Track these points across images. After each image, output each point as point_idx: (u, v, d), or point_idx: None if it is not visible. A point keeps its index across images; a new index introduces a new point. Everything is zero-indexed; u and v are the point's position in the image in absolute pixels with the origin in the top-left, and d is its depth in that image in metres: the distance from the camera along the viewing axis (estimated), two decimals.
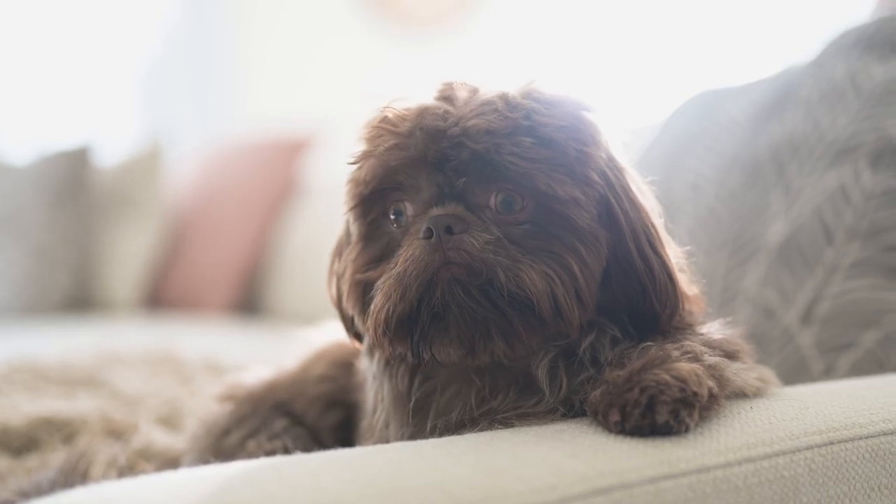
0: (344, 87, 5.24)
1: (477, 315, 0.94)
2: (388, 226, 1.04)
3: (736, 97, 1.82)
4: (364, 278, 1.03)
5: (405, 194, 1.02)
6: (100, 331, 3.08)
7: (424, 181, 1.00)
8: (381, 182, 1.01)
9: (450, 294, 0.94)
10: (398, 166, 1.00)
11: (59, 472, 1.27)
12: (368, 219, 1.04)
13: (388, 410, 1.08)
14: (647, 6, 4.52)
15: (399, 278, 0.96)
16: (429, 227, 0.95)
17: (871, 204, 1.46)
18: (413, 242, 0.97)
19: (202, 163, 4.17)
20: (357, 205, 1.04)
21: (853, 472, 0.92)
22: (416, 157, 0.99)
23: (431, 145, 0.98)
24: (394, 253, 1.00)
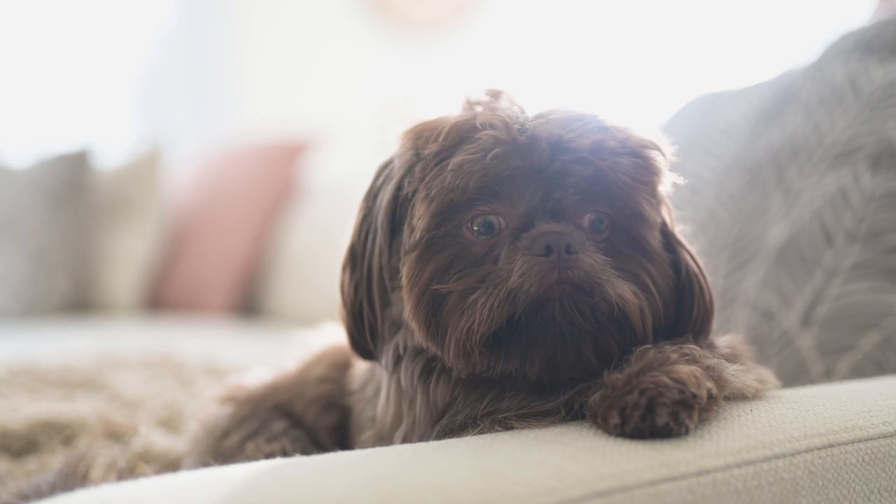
0: (343, 89, 5.25)
1: (580, 332, 0.95)
2: (463, 235, 0.99)
3: (735, 100, 1.82)
4: (445, 289, 0.97)
5: (499, 205, 0.98)
6: (99, 333, 3.08)
7: (529, 194, 0.98)
8: (478, 191, 0.97)
9: (561, 312, 0.94)
10: (506, 175, 0.97)
11: (59, 474, 1.27)
12: (444, 227, 1.00)
13: (419, 422, 1.04)
14: (647, 9, 4.52)
15: (510, 293, 0.93)
16: (549, 245, 0.94)
17: (871, 206, 1.46)
18: (525, 258, 0.94)
19: (201, 166, 4.17)
20: (442, 211, 0.99)
21: (853, 474, 0.92)
22: (533, 168, 0.97)
23: (557, 158, 0.96)
24: (471, 264, 0.97)
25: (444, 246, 0.99)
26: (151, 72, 5.31)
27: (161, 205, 3.87)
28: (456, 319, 0.96)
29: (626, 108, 1.03)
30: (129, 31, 5.23)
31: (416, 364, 1.05)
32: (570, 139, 0.96)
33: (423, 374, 1.05)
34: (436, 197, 0.99)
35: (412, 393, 1.05)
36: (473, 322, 0.94)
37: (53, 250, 3.69)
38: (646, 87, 4.19)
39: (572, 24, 4.83)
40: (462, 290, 0.97)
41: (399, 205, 1.05)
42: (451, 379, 1.03)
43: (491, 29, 5.17)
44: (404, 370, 1.06)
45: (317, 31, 5.29)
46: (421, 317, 0.99)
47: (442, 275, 0.98)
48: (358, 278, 1.08)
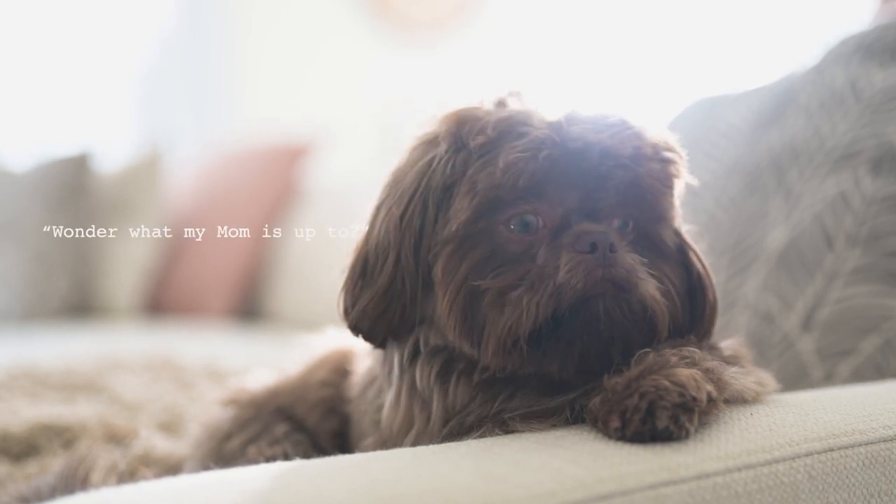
0: (343, 90, 5.26)
1: (616, 330, 0.96)
2: (499, 232, 0.99)
3: (735, 104, 1.82)
4: (483, 285, 0.97)
5: (539, 205, 0.99)
6: (99, 336, 3.08)
7: (571, 195, 0.99)
8: (526, 189, 0.98)
9: (604, 309, 0.95)
10: (553, 177, 0.98)
11: (59, 477, 1.27)
12: (481, 223, 0.99)
13: (433, 424, 1.03)
14: (646, 12, 4.52)
15: (557, 288, 0.94)
16: (594, 242, 0.95)
17: (872, 210, 1.46)
18: (570, 254, 0.95)
19: (201, 168, 4.17)
20: (484, 206, 0.99)
21: (853, 478, 0.92)
22: (580, 171, 0.98)
23: (603, 162, 0.98)
24: (508, 262, 0.97)
25: (479, 242, 0.99)
26: (151, 73, 5.31)
27: (161, 208, 3.87)
28: (495, 316, 0.96)
29: (643, 112, 1.05)
30: (128, 32, 5.23)
31: (433, 363, 1.04)
32: (614, 145, 0.98)
33: (441, 374, 1.03)
34: (481, 192, 0.99)
35: (428, 393, 1.04)
36: (518, 318, 0.94)
37: (54, 253, 3.69)
38: (646, 90, 4.19)
39: (572, 26, 4.83)
40: (500, 287, 0.96)
41: (434, 193, 1.03)
42: (471, 380, 1.02)
43: (491, 30, 5.17)
44: (420, 369, 1.04)
45: (317, 32, 5.30)
46: (457, 314, 0.98)
47: (478, 271, 0.98)
48: (395, 271, 1.04)
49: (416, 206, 1.03)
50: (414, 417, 1.05)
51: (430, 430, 1.03)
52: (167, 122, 5.17)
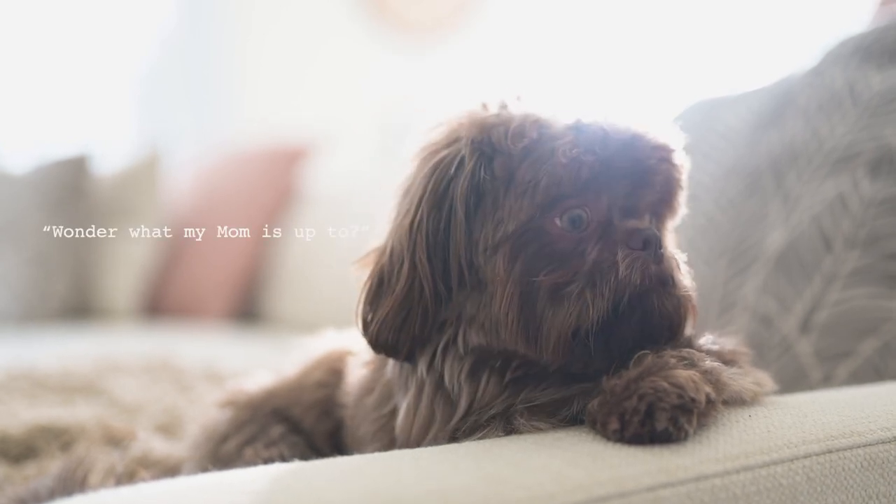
0: (342, 92, 5.26)
1: (663, 324, 1.00)
2: (547, 230, 1.00)
3: (734, 106, 1.82)
4: (542, 281, 0.98)
5: (587, 200, 1.01)
6: (98, 338, 3.08)
7: (617, 191, 1.02)
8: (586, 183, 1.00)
9: (658, 303, 0.98)
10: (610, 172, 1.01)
11: (57, 479, 1.27)
12: (534, 222, 1.01)
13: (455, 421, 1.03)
14: (645, 15, 4.53)
15: (617, 283, 0.96)
16: (646, 239, 0.98)
17: (870, 212, 1.46)
18: (626, 251, 0.98)
19: (200, 170, 4.17)
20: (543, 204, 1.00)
21: (851, 480, 0.92)
22: (632, 166, 1.02)
23: (654, 154, 1.03)
24: (559, 259, 0.99)
25: (530, 240, 1.00)
26: (151, 74, 5.31)
27: (160, 210, 3.87)
28: (553, 312, 0.97)
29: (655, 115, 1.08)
30: (128, 33, 5.23)
31: (465, 361, 1.04)
32: (659, 139, 1.03)
33: (473, 371, 1.04)
34: (543, 189, 1.00)
35: (457, 391, 1.04)
36: (581, 312, 0.96)
37: (53, 255, 3.69)
38: (646, 91, 4.19)
39: (571, 28, 4.84)
40: (556, 283, 0.98)
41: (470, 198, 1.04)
42: (503, 378, 1.02)
43: (490, 32, 5.18)
44: (451, 367, 1.04)
45: (317, 33, 5.30)
46: (515, 311, 0.99)
47: (532, 269, 0.99)
48: (408, 280, 1.05)
49: (427, 212, 1.04)
50: (435, 415, 1.05)
51: (451, 427, 1.03)
52: (167, 123, 5.17)
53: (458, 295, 1.04)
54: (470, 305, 1.04)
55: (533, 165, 1.00)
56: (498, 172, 1.02)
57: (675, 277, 1.00)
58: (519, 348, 1.00)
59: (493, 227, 1.02)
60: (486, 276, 1.02)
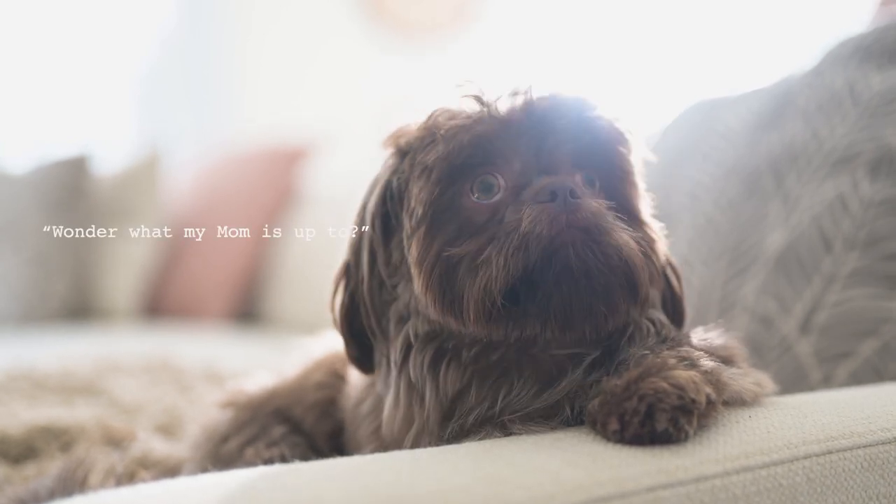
0: (342, 93, 5.26)
1: (593, 280, 0.95)
2: (463, 205, 1.00)
3: (734, 106, 1.82)
4: (457, 253, 0.98)
5: (495, 166, 1.01)
6: (98, 339, 3.08)
7: (523, 151, 1.01)
8: (473, 153, 1.00)
9: (575, 256, 0.94)
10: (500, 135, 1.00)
11: (57, 480, 1.27)
12: (445, 197, 1.01)
13: (430, 418, 1.03)
14: (645, 16, 4.53)
15: (523, 239, 0.94)
16: (553, 191, 0.95)
17: (870, 213, 1.46)
18: (532, 206, 0.95)
19: (200, 171, 4.17)
20: (441, 179, 1.01)
21: (851, 481, 0.92)
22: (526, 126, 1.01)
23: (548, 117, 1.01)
24: (477, 230, 0.98)
25: (448, 218, 1.01)
26: (151, 74, 5.32)
27: (160, 210, 3.87)
28: (471, 281, 0.96)
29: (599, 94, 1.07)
30: (128, 33, 5.23)
31: (426, 353, 1.04)
32: (558, 104, 1.01)
33: (433, 362, 1.04)
34: (434, 166, 1.01)
35: (422, 385, 1.04)
36: (490, 276, 0.95)
37: (53, 255, 3.69)
38: (645, 93, 4.19)
39: (571, 28, 4.84)
40: (473, 251, 0.97)
41: (391, 203, 1.08)
42: (461, 363, 1.03)
43: (490, 33, 5.18)
44: (413, 362, 1.05)
45: (316, 34, 5.30)
46: (435, 287, 0.99)
47: (450, 244, 0.99)
48: (354, 286, 1.10)
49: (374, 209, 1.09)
50: (413, 415, 1.05)
51: (430, 426, 1.03)
52: (167, 123, 5.17)
53: (399, 287, 1.08)
54: (406, 294, 1.06)
55: (431, 147, 1.02)
56: (406, 167, 1.06)
57: (600, 225, 0.96)
58: (450, 325, 1.00)
59: (409, 217, 1.04)
60: (409, 261, 1.03)
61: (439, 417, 1.03)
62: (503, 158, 1.01)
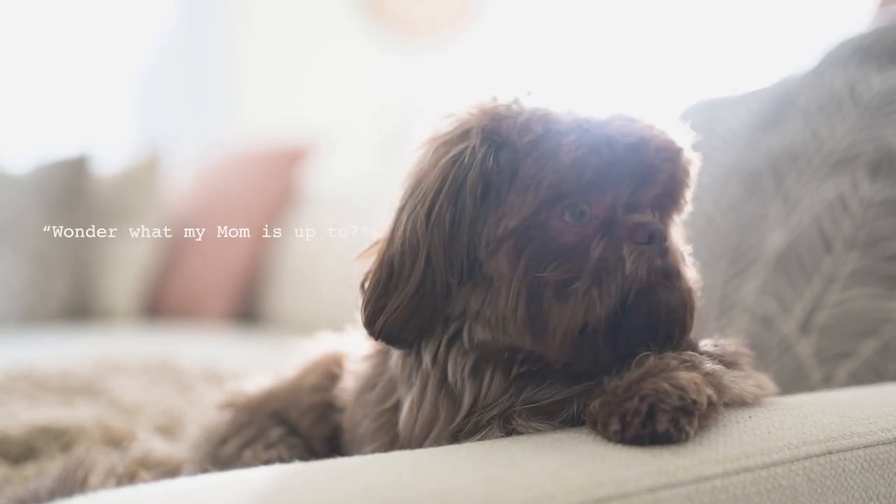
0: (342, 93, 5.26)
1: (664, 323, 0.99)
2: (551, 226, 0.99)
3: (734, 107, 1.82)
4: (548, 277, 0.97)
5: (591, 196, 1.00)
6: (98, 339, 3.08)
7: (626, 188, 1.01)
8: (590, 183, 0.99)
9: (664, 297, 0.98)
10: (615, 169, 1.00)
11: (57, 480, 1.27)
12: (538, 217, 1.00)
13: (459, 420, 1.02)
14: (645, 17, 4.53)
15: (623, 279, 0.96)
16: (651, 234, 0.98)
17: (870, 213, 1.46)
18: (631, 245, 0.97)
19: (200, 171, 4.17)
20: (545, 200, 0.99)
21: (852, 481, 0.92)
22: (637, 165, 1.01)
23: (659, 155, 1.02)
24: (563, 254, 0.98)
25: (535, 236, 0.99)
26: (151, 74, 5.31)
27: (160, 210, 3.87)
28: (559, 309, 0.96)
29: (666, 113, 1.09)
30: (128, 33, 5.23)
31: (468, 357, 1.03)
32: (665, 141, 1.03)
33: (475, 368, 1.03)
34: (545, 187, 0.99)
35: (459, 386, 1.03)
36: (588, 308, 0.95)
37: (52, 256, 3.69)
38: (645, 93, 4.19)
39: (571, 29, 4.84)
40: (560, 280, 0.97)
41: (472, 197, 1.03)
42: (508, 375, 1.02)
43: (490, 33, 5.18)
44: (454, 362, 1.03)
45: (316, 34, 5.30)
46: (522, 308, 0.98)
47: (537, 265, 0.98)
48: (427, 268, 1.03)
49: (444, 203, 1.02)
50: (439, 412, 1.04)
51: (455, 426, 1.02)
52: (167, 123, 5.17)
53: (463, 289, 1.04)
54: (474, 300, 1.03)
55: (537, 161, 1.00)
56: (503, 165, 1.01)
57: (680, 270, 1.00)
58: (526, 345, 0.99)
59: (495, 222, 1.01)
60: (489, 272, 1.01)
61: (465, 419, 1.02)
62: (600, 190, 1.00)
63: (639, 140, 1.00)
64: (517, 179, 1.00)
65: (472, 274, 1.03)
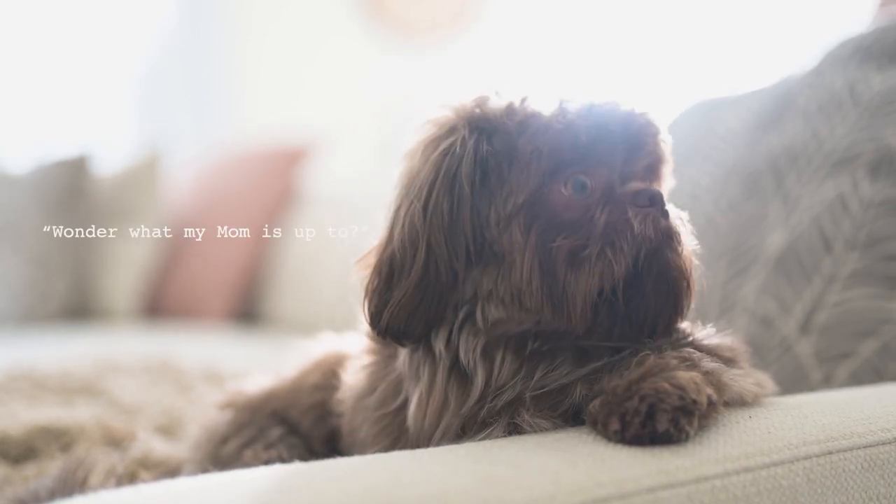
0: (342, 93, 5.26)
1: (674, 286, 1.01)
2: (553, 199, 1.02)
3: (734, 107, 1.82)
4: (558, 246, 0.99)
5: (589, 167, 1.03)
6: (98, 339, 3.08)
7: (616, 158, 1.05)
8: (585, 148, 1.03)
9: (671, 257, 1.01)
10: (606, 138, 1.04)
11: (57, 480, 1.27)
12: (543, 189, 1.02)
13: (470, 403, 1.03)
14: (645, 16, 4.53)
15: (634, 239, 0.98)
16: (651, 197, 1.01)
17: (870, 213, 1.46)
18: (636, 209, 1.00)
19: (200, 171, 4.17)
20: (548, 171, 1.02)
21: (851, 481, 0.92)
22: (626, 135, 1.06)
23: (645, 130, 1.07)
24: (570, 224, 1.00)
25: (541, 209, 1.02)
26: (151, 74, 5.31)
27: (160, 211, 3.87)
28: (575, 276, 0.98)
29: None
30: (128, 33, 5.23)
31: (479, 340, 1.04)
32: (650, 118, 1.07)
33: (486, 350, 1.03)
34: (546, 156, 1.02)
35: (472, 367, 1.03)
36: (603, 272, 0.97)
37: (53, 256, 3.69)
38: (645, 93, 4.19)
39: (571, 30, 4.84)
40: (571, 248, 0.99)
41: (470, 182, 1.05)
42: (519, 353, 1.03)
43: (489, 34, 5.18)
44: (465, 346, 1.04)
45: (316, 34, 5.30)
46: (538, 279, 0.99)
47: (546, 236, 1.00)
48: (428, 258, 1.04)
49: (440, 193, 1.04)
50: (449, 400, 1.04)
51: (466, 410, 1.03)
52: (167, 123, 5.17)
53: (472, 272, 1.04)
54: (487, 280, 1.04)
55: (533, 137, 1.03)
56: (498, 147, 1.04)
57: (679, 233, 1.03)
58: (545, 316, 1.00)
59: (502, 200, 1.03)
60: (502, 249, 1.02)
61: (476, 403, 1.02)
62: (596, 161, 1.03)
63: (626, 114, 1.06)
64: (516, 158, 1.03)
65: (480, 256, 1.04)
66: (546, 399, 1.00)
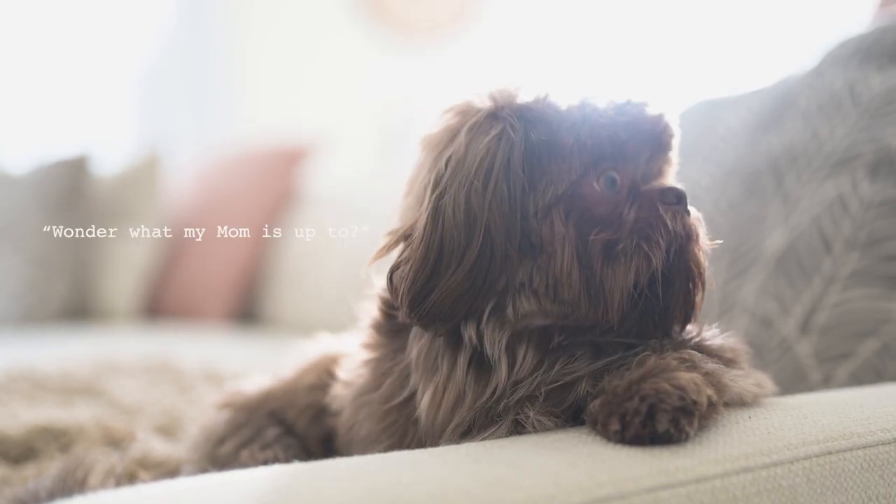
0: (342, 94, 5.26)
1: (693, 283, 1.04)
2: (585, 194, 1.03)
3: (734, 107, 1.82)
4: (595, 239, 1.01)
5: (618, 164, 1.05)
6: (98, 340, 3.08)
7: (642, 157, 1.08)
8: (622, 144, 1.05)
9: (694, 253, 1.04)
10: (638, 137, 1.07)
11: (57, 480, 1.26)
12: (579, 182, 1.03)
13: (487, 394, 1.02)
14: (645, 15, 4.53)
15: (667, 235, 1.01)
16: (678, 195, 1.04)
17: (870, 214, 1.46)
18: (665, 206, 1.03)
19: (200, 172, 4.17)
20: (589, 163, 1.04)
21: (851, 482, 0.92)
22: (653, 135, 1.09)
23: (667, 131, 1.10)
24: (602, 218, 1.02)
25: (574, 203, 1.03)
26: (151, 75, 5.31)
27: (160, 211, 3.87)
28: (612, 270, 0.99)
29: None
30: (128, 33, 5.23)
31: (504, 332, 1.03)
32: (672, 119, 1.10)
33: (510, 343, 1.03)
34: (588, 148, 1.03)
35: (497, 358, 1.03)
36: (639, 266, 0.99)
37: (52, 256, 3.69)
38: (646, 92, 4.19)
39: (570, 30, 4.84)
40: (606, 242, 1.00)
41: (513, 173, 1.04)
42: (541, 346, 1.02)
43: (489, 34, 5.18)
44: (490, 338, 1.03)
45: (316, 34, 5.30)
46: (576, 271, 1.00)
47: (582, 230, 1.02)
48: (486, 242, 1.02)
49: (498, 177, 1.03)
50: (466, 393, 1.03)
51: (481, 404, 1.02)
52: (167, 123, 5.17)
53: (509, 262, 1.03)
54: (522, 272, 1.02)
55: (573, 128, 1.04)
56: (541, 138, 1.05)
57: (698, 233, 1.05)
58: (580, 308, 1.00)
59: (542, 190, 1.03)
60: (540, 239, 1.02)
61: (492, 395, 1.02)
62: (624, 158, 1.06)
63: (656, 114, 1.08)
64: (557, 149, 1.04)
65: (520, 246, 1.03)
66: (554, 394, 1.00)
